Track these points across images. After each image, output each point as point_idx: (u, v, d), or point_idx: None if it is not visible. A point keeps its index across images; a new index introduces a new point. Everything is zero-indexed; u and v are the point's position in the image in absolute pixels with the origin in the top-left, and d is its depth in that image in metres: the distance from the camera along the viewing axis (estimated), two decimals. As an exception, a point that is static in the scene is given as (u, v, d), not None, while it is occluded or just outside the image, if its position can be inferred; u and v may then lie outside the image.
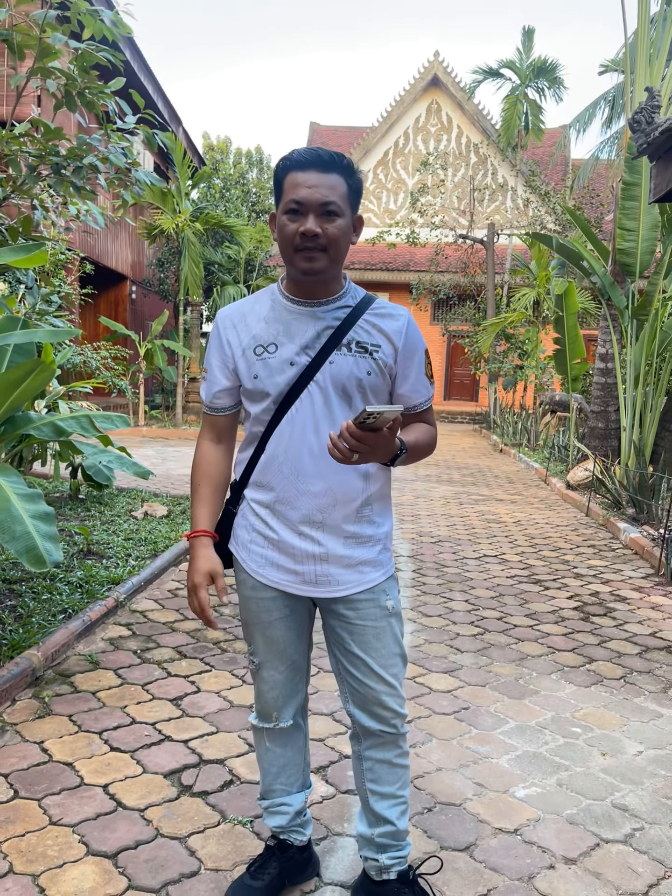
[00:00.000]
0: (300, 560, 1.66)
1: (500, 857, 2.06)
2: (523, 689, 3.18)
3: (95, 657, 3.24)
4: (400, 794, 1.76)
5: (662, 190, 4.84)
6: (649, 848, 2.13)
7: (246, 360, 1.65)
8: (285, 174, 1.57)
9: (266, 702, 1.79)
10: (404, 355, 1.67)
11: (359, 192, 1.62)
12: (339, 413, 1.62)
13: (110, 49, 3.63)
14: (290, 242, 1.56)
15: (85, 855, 1.97)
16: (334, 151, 1.57)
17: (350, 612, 1.68)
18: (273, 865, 1.84)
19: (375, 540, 1.70)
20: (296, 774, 1.85)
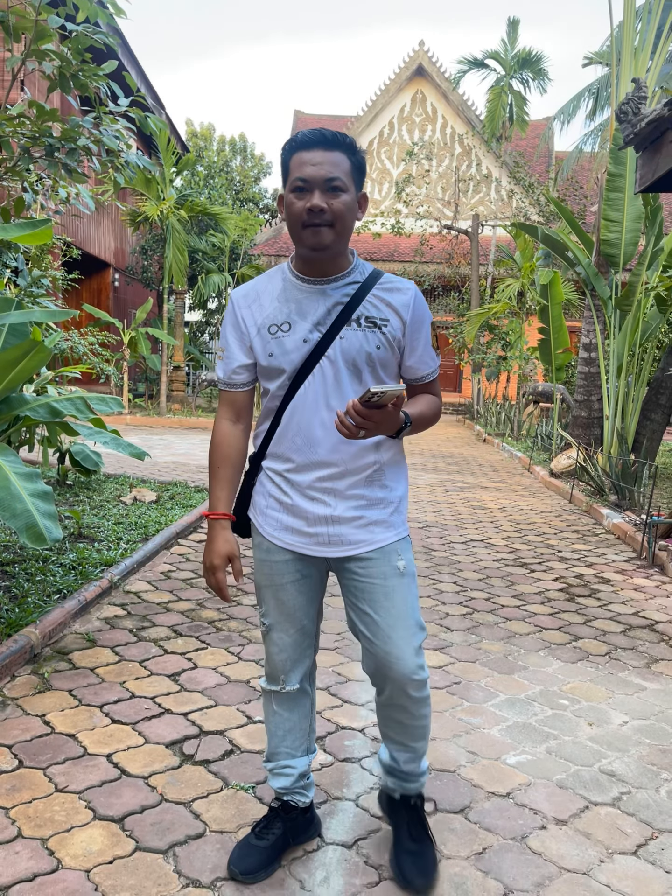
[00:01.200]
0: (313, 523, 1.72)
1: (493, 818, 2.14)
2: (512, 664, 3.26)
3: (92, 635, 3.28)
4: (411, 745, 1.84)
5: (648, 180, 4.93)
6: (637, 810, 2.22)
7: (261, 338, 1.70)
8: (291, 155, 1.62)
9: (275, 664, 1.85)
10: (412, 328, 1.73)
11: (362, 169, 1.67)
12: (349, 387, 1.68)
13: (104, 32, 3.63)
14: (299, 219, 1.60)
15: (92, 819, 2.02)
16: (337, 131, 1.62)
17: (361, 570, 1.73)
18: (277, 826, 1.90)
19: (387, 502, 1.75)
20: (300, 738, 1.92)
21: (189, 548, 4.93)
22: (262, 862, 1.83)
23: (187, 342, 18.96)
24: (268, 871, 1.84)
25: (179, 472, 8.06)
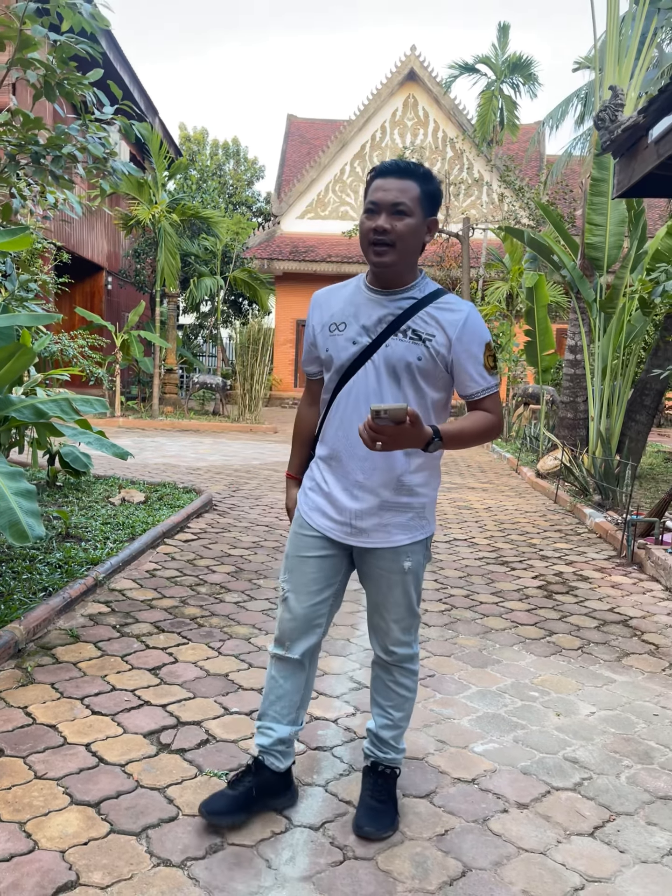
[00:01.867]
0: (341, 512, 1.96)
1: (457, 802, 2.22)
2: (486, 658, 3.35)
3: (76, 631, 3.36)
4: (390, 713, 2.09)
5: (625, 186, 5.04)
6: (596, 795, 2.31)
7: (323, 335, 1.96)
8: (371, 182, 1.85)
9: (283, 630, 2.06)
10: (458, 346, 1.86)
11: (434, 197, 1.85)
12: (387, 391, 1.87)
13: (88, 42, 3.71)
14: (366, 237, 1.83)
15: (69, 804, 2.10)
16: (413, 161, 1.87)
17: (373, 562, 1.99)
18: (248, 780, 2.07)
19: (410, 508, 1.96)
20: (289, 708, 2.09)
21: (175, 547, 5.00)
22: (229, 807, 2.01)
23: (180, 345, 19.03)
24: (233, 817, 2.01)
25: (169, 473, 8.13)
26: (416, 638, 2.09)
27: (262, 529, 5.71)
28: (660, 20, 8.40)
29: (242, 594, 4.07)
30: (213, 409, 16.44)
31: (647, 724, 2.79)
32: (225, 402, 16.49)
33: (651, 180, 4.89)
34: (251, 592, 4.11)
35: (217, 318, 19.64)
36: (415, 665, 2.10)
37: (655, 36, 8.47)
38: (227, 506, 6.58)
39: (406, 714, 2.13)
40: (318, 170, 22.71)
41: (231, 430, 14.01)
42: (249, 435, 13.51)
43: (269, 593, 4.12)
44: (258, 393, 14.94)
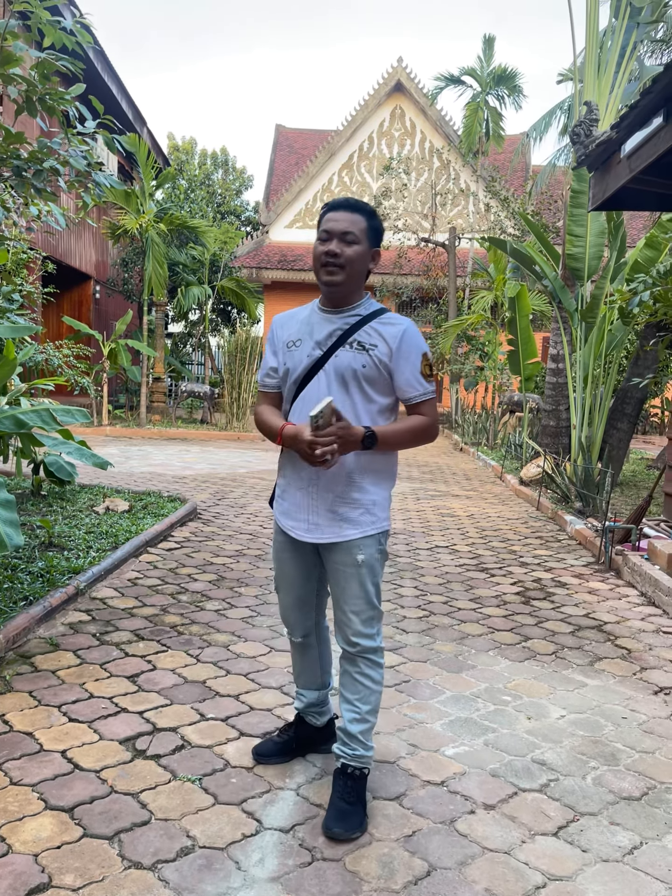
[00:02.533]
0: (300, 511, 2.17)
1: (426, 804, 2.27)
2: (461, 664, 3.40)
3: (55, 640, 3.39)
4: (357, 706, 2.20)
5: (599, 199, 5.14)
6: (562, 795, 2.36)
7: (283, 351, 2.19)
8: (323, 216, 2.11)
9: (283, 617, 2.38)
10: (398, 355, 2.10)
11: (377, 231, 2.13)
12: (338, 395, 2.08)
13: (70, 58, 3.77)
14: (318, 260, 2.08)
15: (43, 809, 2.13)
16: (361, 200, 2.15)
17: (330, 557, 2.17)
18: (292, 731, 2.47)
19: (359, 504, 2.13)
20: (311, 679, 2.43)
21: (158, 556, 5.04)
22: (274, 751, 2.43)
23: (168, 354, 19.05)
24: (277, 758, 2.42)
25: (155, 482, 8.16)
26: (378, 631, 2.21)
27: (246, 538, 5.75)
28: (639, 34, 8.55)
29: (223, 602, 4.11)
30: (201, 417, 16.47)
31: (615, 726, 2.85)
32: (213, 411, 16.52)
33: (625, 193, 5.00)
34: (231, 600, 4.15)
35: (205, 326, 19.69)
36: (379, 658, 2.22)
37: (635, 50, 8.62)
38: (211, 514, 6.62)
39: (373, 707, 2.22)
40: (307, 179, 22.86)
41: (219, 439, 14.04)
42: (237, 443, 13.54)
43: (249, 601, 4.16)
44: (246, 401, 14.99)
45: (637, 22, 8.38)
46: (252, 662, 3.28)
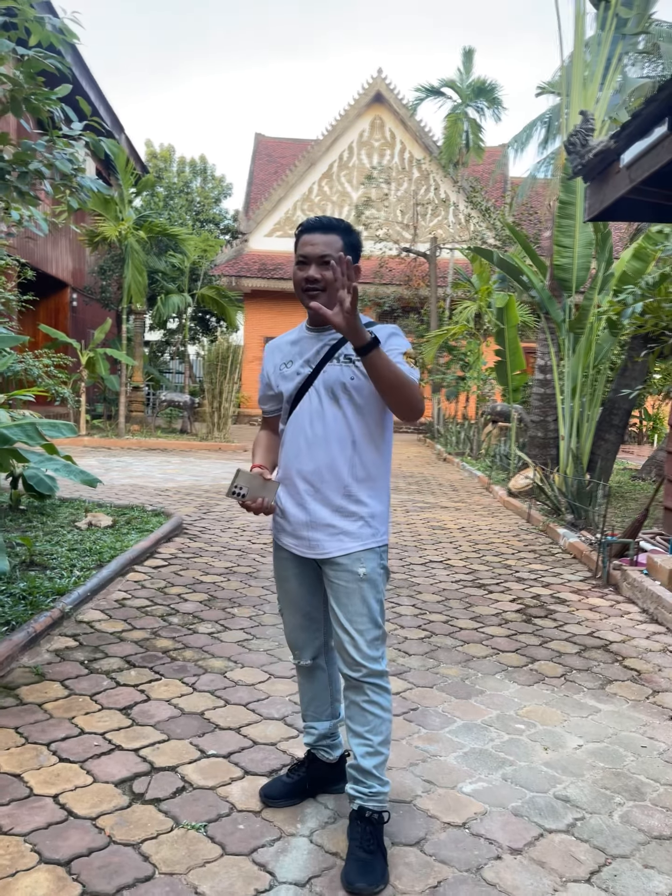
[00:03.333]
0: (297, 528, 2.10)
1: (449, 850, 2.12)
2: (469, 689, 3.26)
3: (41, 669, 3.19)
4: (368, 738, 2.07)
5: (596, 210, 5.07)
6: (591, 836, 2.23)
7: (275, 374, 2.18)
8: (299, 238, 2.06)
9: (289, 641, 2.28)
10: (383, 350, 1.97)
11: (355, 246, 2.08)
12: (328, 409, 2.05)
13: (57, 56, 3.61)
14: (299, 286, 2.05)
15: (38, 863, 1.95)
16: (335, 218, 2.09)
17: (331, 572, 2.08)
18: (302, 770, 2.33)
19: (358, 516, 2.07)
20: (323, 706, 2.29)
21: (145, 574, 4.85)
22: (284, 793, 2.29)
23: (147, 362, 18.79)
24: (287, 801, 2.28)
25: (137, 495, 7.95)
26: (383, 655, 2.10)
27: (235, 554, 5.58)
28: (624, 46, 8.57)
29: (216, 624, 3.94)
30: (181, 427, 16.23)
31: (635, 756, 2.73)
32: (193, 420, 16.29)
33: (622, 204, 4.93)
34: (225, 622, 3.98)
35: (184, 335, 19.46)
36: (386, 682, 2.11)
37: (620, 61, 8.64)
38: (197, 529, 6.43)
39: (385, 738, 2.09)
40: (286, 188, 22.77)
41: (199, 449, 13.82)
42: (218, 454, 13.34)
43: (243, 623, 3.99)
44: (227, 411, 14.79)
45: (623, 33, 8.40)
46: (251, 691, 3.12)
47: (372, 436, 2.09)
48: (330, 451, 2.04)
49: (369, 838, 2.01)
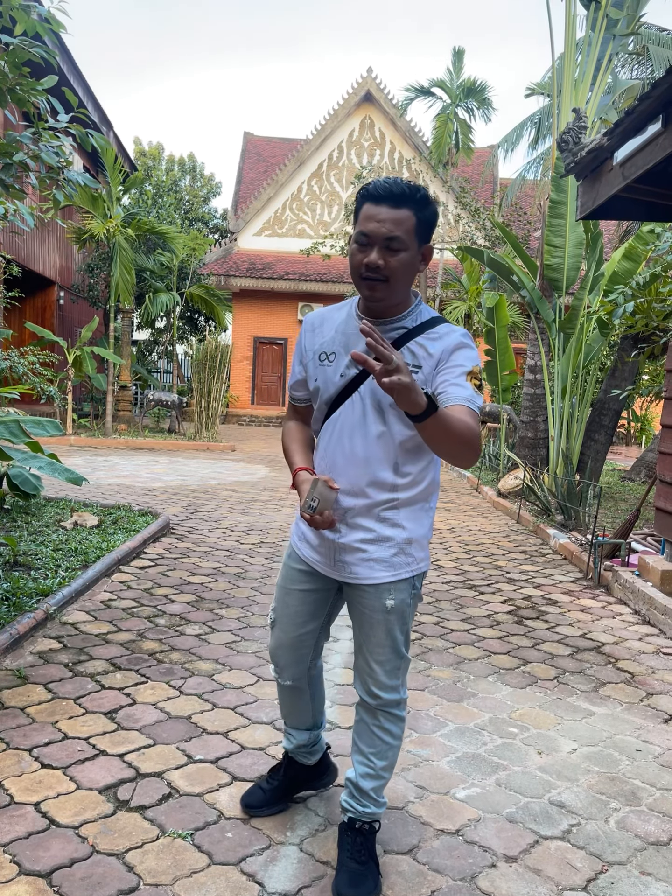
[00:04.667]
0: (323, 545, 1.91)
1: (442, 858, 2.07)
2: (461, 691, 3.22)
3: (24, 671, 3.11)
4: (372, 760, 1.96)
5: (588, 208, 5.04)
6: (587, 843, 2.18)
7: (313, 363, 1.88)
8: (362, 204, 1.70)
9: (272, 655, 2.08)
10: (443, 364, 1.72)
11: (430, 223, 1.72)
12: (373, 424, 1.78)
13: (44, 45, 3.53)
14: (357, 270, 1.72)
15: (17, 875, 1.88)
16: (409, 184, 1.67)
17: (356, 598, 1.91)
18: (281, 775, 2.21)
19: (393, 542, 1.85)
20: (302, 720, 2.15)
21: (131, 574, 4.77)
22: (266, 801, 2.18)
23: (134, 361, 18.66)
24: (270, 808, 2.17)
25: (124, 494, 7.85)
26: (403, 682, 1.96)
27: (223, 554, 5.51)
28: (615, 47, 8.57)
29: (204, 626, 3.87)
30: (169, 426, 16.12)
31: (630, 760, 2.69)
32: (181, 420, 16.18)
33: (615, 203, 4.90)
34: (213, 624, 3.91)
35: (173, 334, 19.34)
36: (402, 711, 1.97)
37: (610, 62, 8.64)
38: (185, 529, 6.35)
39: (390, 763, 1.99)
40: (276, 187, 22.69)
41: (187, 449, 13.72)
42: (206, 453, 13.24)
43: (231, 624, 3.93)
44: (215, 410, 14.70)
45: (613, 34, 8.40)
46: (239, 694, 3.05)
47: (419, 453, 1.81)
48: (368, 472, 1.79)
49: (360, 849, 1.95)
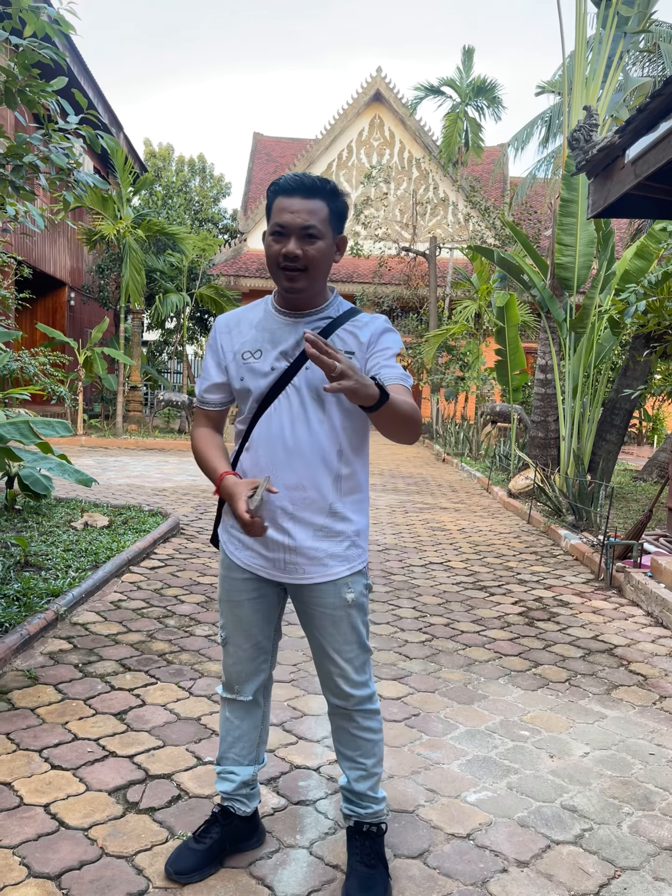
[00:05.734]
0: (271, 548, 1.82)
1: (453, 862, 2.05)
2: (472, 694, 3.19)
3: (34, 672, 3.12)
4: (361, 762, 1.93)
5: (600, 206, 5.00)
6: (599, 848, 2.16)
7: (235, 363, 1.82)
8: (274, 199, 1.72)
9: (230, 675, 1.97)
10: (372, 348, 1.77)
11: (342, 214, 1.76)
12: (313, 413, 1.76)
13: (53, 47, 3.54)
14: (275, 261, 1.72)
15: (26, 877, 1.88)
16: (318, 177, 1.71)
17: (312, 599, 1.85)
18: (215, 830, 1.97)
19: (345, 536, 1.83)
20: (249, 748, 2.00)
21: (141, 575, 4.77)
22: (198, 864, 1.91)
23: (145, 362, 18.73)
24: (202, 873, 1.91)
25: (134, 494, 7.87)
26: (370, 675, 1.93)
27: (232, 555, 5.50)
28: (626, 44, 8.51)
29: (213, 627, 3.87)
30: (179, 426, 16.16)
31: (643, 764, 2.66)
32: (191, 420, 16.21)
33: (625, 201, 4.87)
34: (223, 624, 3.91)
35: (183, 334, 19.38)
36: (375, 703, 1.95)
37: (621, 60, 8.58)
38: (194, 529, 6.35)
39: (378, 758, 1.97)
40: (285, 187, 22.70)
41: (197, 449, 13.72)
42: (216, 454, 13.23)
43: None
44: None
45: (624, 31, 8.34)
46: (249, 695, 3.04)
47: (359, 441, 1.83)
48: (314, 461, 1.75)
49: (369, 852, 1.93)
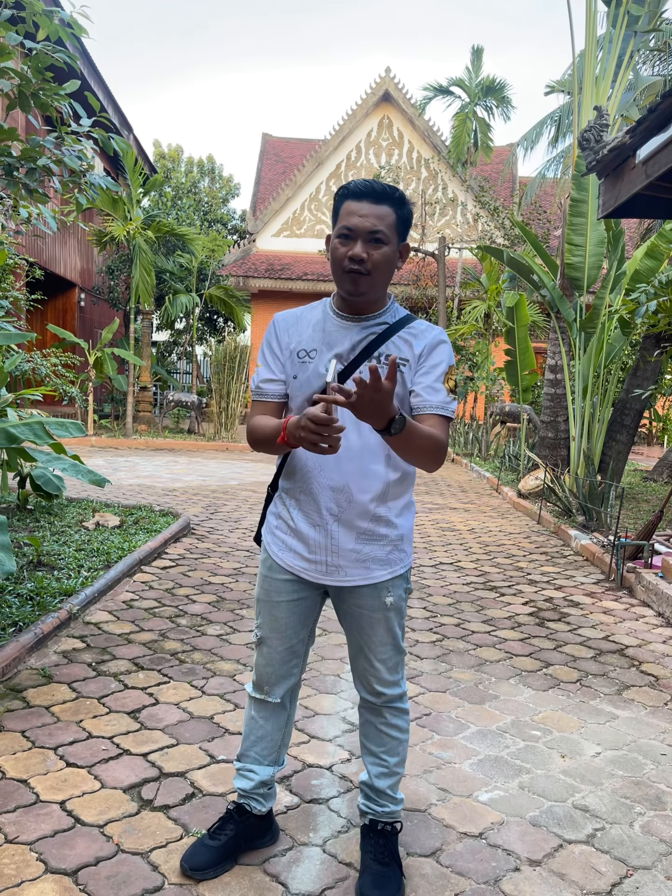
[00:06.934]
0: (314, 550, 1.84)
1: (466, 861, 2.06)
2: (483, 693, 3.20)
3: (48, 671, 3.15)
4: (384, 759, 1.96)
5: (610, 206, 4.99)
6: (611, 847, 2.16)
7: (291, 361, 1.84)
8: (342, 203, 1.75)
9: (261, 675, 1.98)
10: (424, 363, 1.80)
11: (407, 222, 1.79)
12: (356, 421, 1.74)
13: (66, 50, 3.57)
14: (340, 264, 1.74)
15: (43, 873, 1.90)
16: (387, 184, 1.76)
17: (353, 600, 1.88)
18: (230, 828, 1.99)
19: (388, 540, 1.85)
20: (270, 748, 2.02)
21: (153, 575, 4.80)
22: (213, 860, 1.93)
23: (154, 362, 18.79)
24: (217, 869, 1.93)
25: (144, 494, 7.91)
26: (403, 676, 1.98)
27: (243, 555, 5.53)
28: (636, 43, 8.49)
29: (225, 626, 3.89)
30: (189, 427, 16.21)
31: (655, 764, 2.67)
32: (200, 421, 16.26)
33: (638, 201, 4.86)
34: (234, 624, 3.93)
35: (192, 335, 19.44)
36: (405, 703, 1.99)
37: (632, 59, 8.56)
38: (205, 529, 6.38)
39: (401, 758, 2.00)
40: (294, 188, 22.72)
41: (207, 449, 13.79)
42: (226, 454, 13.30)
43: (252, 624, 3.94)
44: (234, 411, 14.76)
45: (635, 30, 8.31)
46: (261, 694, 3.06)
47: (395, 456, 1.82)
48: (362, 465, 1.76)
49: (383, 850, 1.95)
